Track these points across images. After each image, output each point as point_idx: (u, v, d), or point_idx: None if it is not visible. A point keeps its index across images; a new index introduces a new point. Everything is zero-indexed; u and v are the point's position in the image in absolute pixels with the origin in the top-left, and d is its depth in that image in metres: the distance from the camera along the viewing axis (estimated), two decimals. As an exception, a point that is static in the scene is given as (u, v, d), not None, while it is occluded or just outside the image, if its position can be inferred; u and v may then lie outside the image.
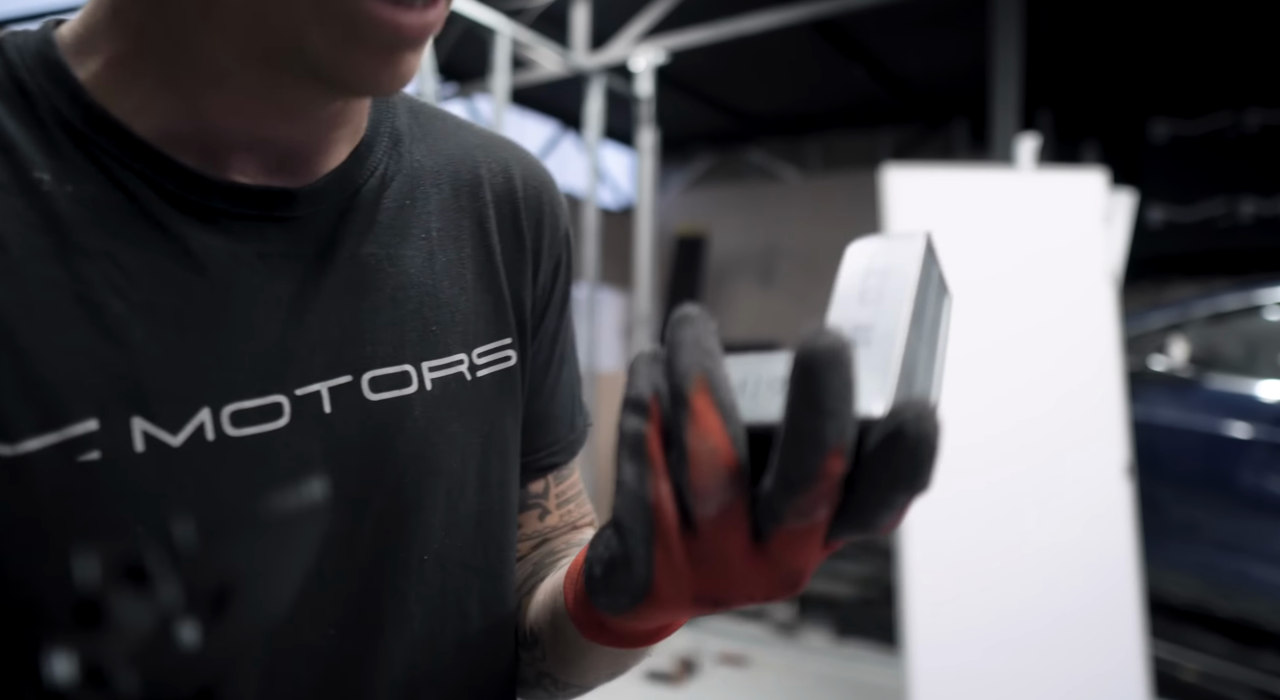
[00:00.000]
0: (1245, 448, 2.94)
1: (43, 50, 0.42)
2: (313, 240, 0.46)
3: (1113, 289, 2.62)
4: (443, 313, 0.51)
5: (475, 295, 0.53)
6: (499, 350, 0.54)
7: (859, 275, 0.33)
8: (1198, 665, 3.00)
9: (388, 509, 0.47)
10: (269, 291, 0.44)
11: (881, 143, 7.86)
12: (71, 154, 0.41)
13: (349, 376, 0.46)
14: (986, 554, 2.48)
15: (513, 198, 0.57)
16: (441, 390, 0.50)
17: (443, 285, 0.51)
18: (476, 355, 0.53)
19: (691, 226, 8.49)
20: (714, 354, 0.32)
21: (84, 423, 0.38)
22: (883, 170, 2.67)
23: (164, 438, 0.40)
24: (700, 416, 0.30)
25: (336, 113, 0.46)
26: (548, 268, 0.59)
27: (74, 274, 0.39)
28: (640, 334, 4.22)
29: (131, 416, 0.39)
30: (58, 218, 0.39)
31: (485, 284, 0.54)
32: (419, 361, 0.49)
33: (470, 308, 0.53)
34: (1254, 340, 3.14)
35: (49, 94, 0.41)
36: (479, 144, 0.58)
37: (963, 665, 2.42)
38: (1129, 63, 5.70)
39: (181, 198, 0.42)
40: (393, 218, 0.50)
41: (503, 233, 0.56)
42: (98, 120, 0.41)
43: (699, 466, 0.30)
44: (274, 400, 0.43)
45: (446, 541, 0.50)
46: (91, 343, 0.39)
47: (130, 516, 0.39)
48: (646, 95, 4.16)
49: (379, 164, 0.51)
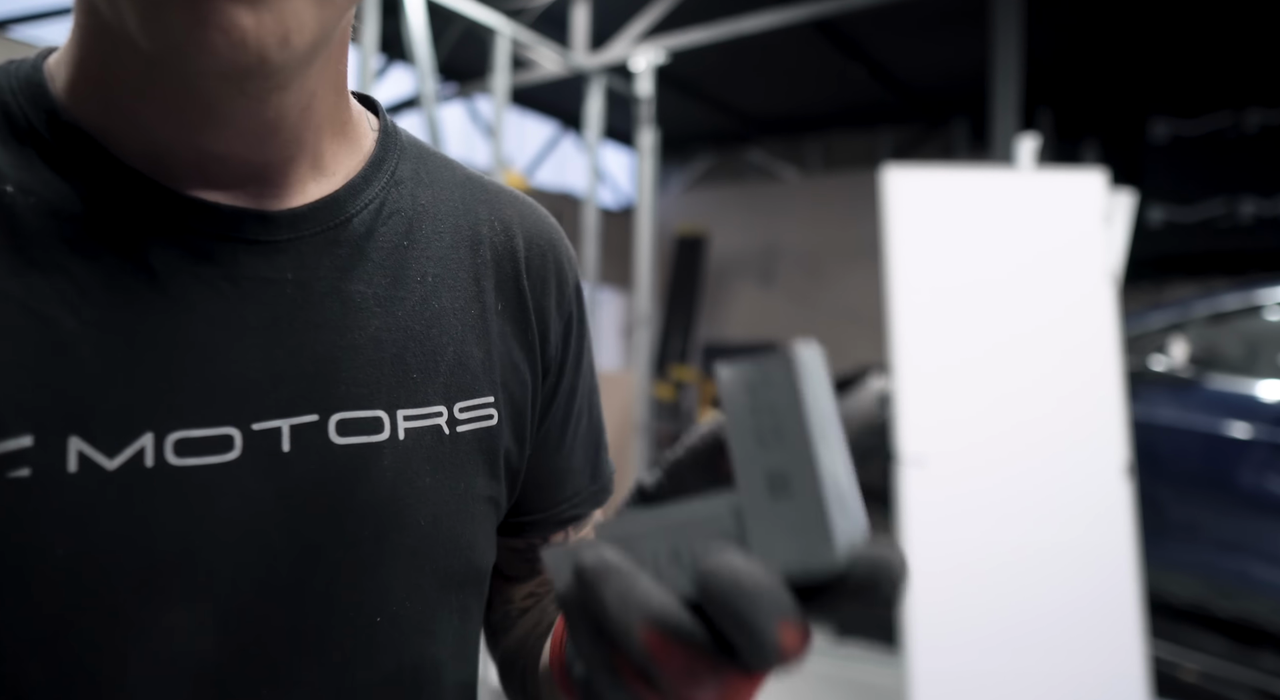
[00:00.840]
0: (1245, 448, 2.94)
1: (29, 74, 0.43)
2: (291, 267, 0.44)
3: (1113, 289, 2.62)
4: (426, 361, 0.48)
5: (463, 348, 0.51)
6: (481, 408, 0.51)
7: (746, 414, 0.32)
8: (1198, 665, 3.00)
9: (343, 562, 0.44)
10: (235, 316, 0.42)
11: (881, 143, 7.86)
12: (39, 168, 0.40)
13: (315, 416, 0.44)
14: (986, 554, 2.48)
15: (514, 258, 0.55)
16: (415, 441, 0.47)
17: (432, 333, 0.49)
18: (458, 410, 0.50)
19: (691, 226, 8.49)
20: (643, 594, 0.30)
21: (18, 438, 0.37)
22: (883, 170, 2.67)
23: (99, 460, 0.38)
24: (664, 661, 0.29)
25: (270, 125, 0.43)
26: (558, 328, 0.57)
27: (27, 286, 0.38)
28: (640, 334, 4.22)
29: (69, 435, 0.38)
30: (17, 230, 0.39)
31: (475, 338, 0.52)
32: (394, 408, 0.46)
33: (456, 360, 0.50)
34: (1254, 340, 3.14)
35: (26, 112, 0.41)
36: (484, 199, 0.56)
37: (963, 665, 2.42)
38: (1129, 63, 5.70)
39: (148, 215, 0.41)
40: (386, 257, 0.48)
41: (501, 292, 0.54)
42: (69, 137, 0.41)
43: (692, 694, 0.30)
44: (225, 432, 0.41)
45: (406, 604, 0.47)
46: (36, 357, 0.37)
47: (53, 539, 0.37)
48: (646, 95, 4.16)
49: (375, 199, 0.49)
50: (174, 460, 0.39)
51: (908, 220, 2.63)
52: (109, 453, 0.38)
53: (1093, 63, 5.74)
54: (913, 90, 6.48)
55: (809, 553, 0.30)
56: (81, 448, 0.38)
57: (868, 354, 6.46)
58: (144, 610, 0.39)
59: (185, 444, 0.40)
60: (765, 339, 8.35)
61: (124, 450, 0.39)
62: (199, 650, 0.40)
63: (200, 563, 0.40)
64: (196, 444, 0.40)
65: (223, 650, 0.41)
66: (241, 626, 0.41)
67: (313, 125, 0.46)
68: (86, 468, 0.38)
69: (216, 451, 0.41)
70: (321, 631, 0.44)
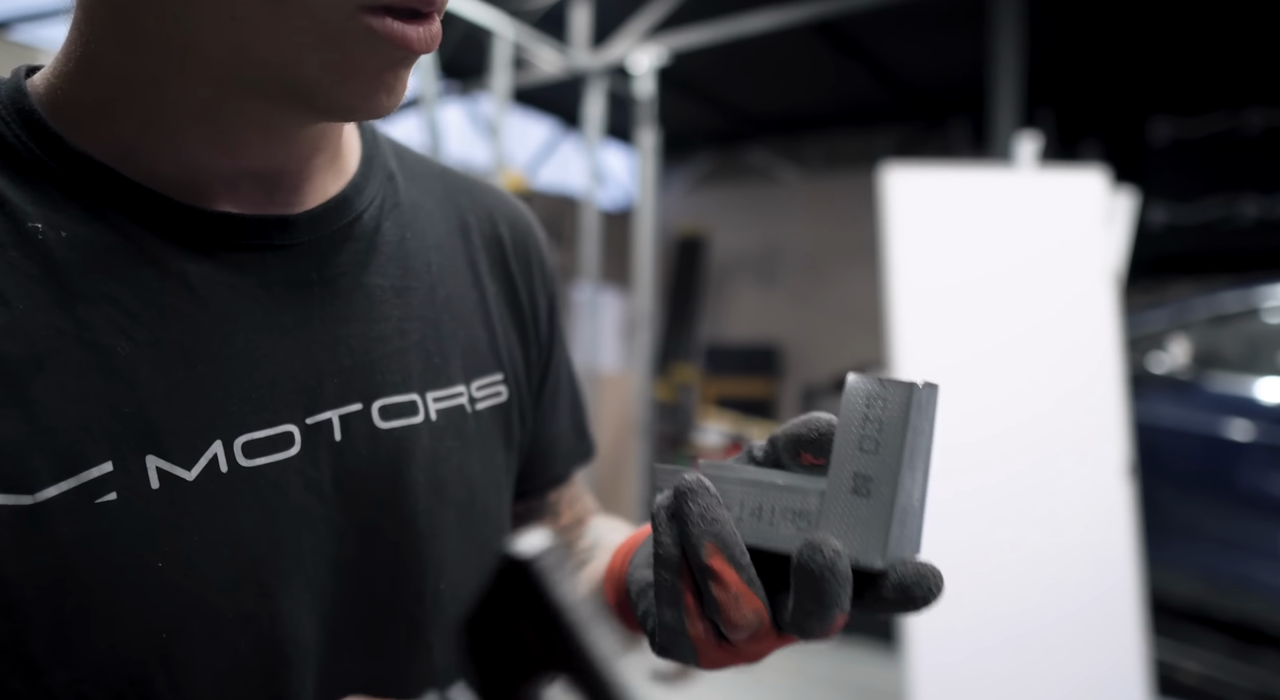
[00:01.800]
0: (1246, 448, 2.94)
1: (16, 101, 0.42)
2: (315, 267, 0.46)
3: (1113, 289, 2.62)
4: (444, 345, 0.52)
5: (471, 330, 0.54)
6: (493, 385, 0.55)
7: (857, 421, 0.38)
8: (1198, 665, 3.00)
9: (401, 538, 0.48)
10: (274, 320, 0.44)
11: (881, 142, 7.85)
12: (62, 202, 0.41)
13: (359, 404, 0.47)
14: (986, 554, 2.48)
15: (500, 243, 0.59)
16: (446, 421, 0.51)
17: (443, 318, 0.52)
18: (475, 388, 0.53)
19: (692, 227, 8.49)
20: (719, 520, 0.39)
21: (99, 466, 0.38)
22: (882, 170, 2.67)
23: (178, 473, 0.40)
24: (720, 574, 0.38)
25: (317, 137, 0.46)
26: (544, 307, 0.61)
27: (78, 320, 0.39)
28: (640, 334, 4.21)
29: (145, 455, 0.39)
30: (56, 266, 0.39)
31: (480, 320, 0.55)
32: (424, 391, 0.50)
33: (468, 342, 0.54)
34: (1254, 340, 3.14)
35: (29, 145, 0.41)
36: (462, 189, 0.59)
37: (963, 665, 2.42)
38: (1129, 63, 5.70)
39: (177, 234, 0.42)
40: (394, 250, 0.51)
41: (494, 275, 0.58)
42: (83, 167, 0.41)
43: (728, 612, 0.38)
44: (285, 429, 0.44)
45: (459, 571, 0.50)
46: (100, 386, 0.39)
47: (151, 555, 0.39)
48: (647, 95, 4.15)
49: (376, 194, 0.51)
50: (244, 462, 0.42)
51: (908, 220, 2.63)
52: (186, 465, 0.40)
53: (1093, 63, 5.74)
54: (913, 90, 6.48)
55: (862, 549, 0.36)
56: (159, 464, 0.40)
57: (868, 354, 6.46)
58: (248, 604, 0.41)
59: (252, 445, 0.42)
60: (766, 339, 8.34)
61: (199, 460, 0.41)
62: (301, 635, 0.43)
63: (286, 552, 0.43)
64: (261, 444, 0.43)
65: (319, 631, 0.44)
66: (328, 607, 0.44)
67: (338, 130, 0.49)
68: (168, 482, 0.40)
69: (280, 449, 0.43)
70: (394, 604, 0.47)
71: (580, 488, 0.69)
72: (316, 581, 0.44)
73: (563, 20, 4.78)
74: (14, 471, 0.37)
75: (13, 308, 0.38)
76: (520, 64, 4.66)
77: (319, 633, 0.44)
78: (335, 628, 0.45)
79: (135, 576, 0.39)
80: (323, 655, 0.44)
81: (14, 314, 0.38)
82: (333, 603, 0.45)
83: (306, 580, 0.44)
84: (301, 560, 0.44)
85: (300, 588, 0.43)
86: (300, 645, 0.43)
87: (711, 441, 5.28)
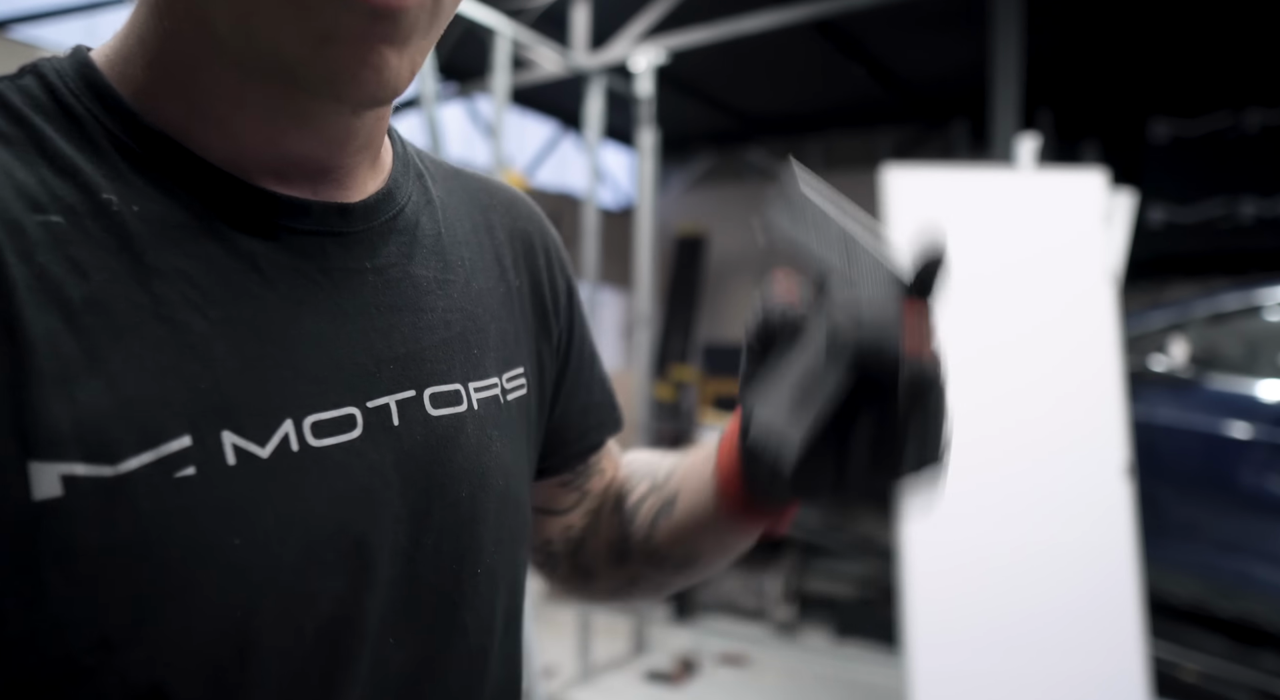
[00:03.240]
0: (1245, 448, 2.94)
1: (84, 74, 0.42)
2: (368, 256, 0.48)
3: (1113, 289, 2.62)
4: (481, 337, 0.54)
5: (500, 323, 0.56)
6: (518, 378, 0.57)
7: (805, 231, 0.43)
8: (1198, 665, 3.00)
9: (447, 522, 0.49)
10: (336, 305, 0.45)
11: (881, 143, 7.85)
12: (130, 176, 0.41)
13: (413, 391, 0.48)
14: (986, 554, 2.48)
15: (525, 237, 0.62)
16: (485, 410, 0.52)
17: (478, 311, 0.54)
18: (505, 380, 0.56)
19: (691, 226, 8.49)
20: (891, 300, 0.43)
21: (178, 439, 0.38)
22: (883, 170, 2.67)
23: (253, 450, 0.41)
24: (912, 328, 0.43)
25: (354, 131, 0.46)
26: (564, 294, 0.64)
27: (154, 295, 0.39)
28: (640, 334, 4.21)
29: (221, 431, 0.40)
30: (130, 239, 0.40)
31: (507, 313, 0.57)
32: (467, 381, 0.51)
33: (499, 335, 0.56)
34: (1254, 340, 3.14)
35: (100, 117, 0.41)
36: (479, 187, 0.61)
37: (963, 665, 2.42)
38: (1129, 63, 5.70)
39: (242, 213, 0.43)
40: (432, 243, 0.52)
41: (517, 269, 0.60)
42: (155, 142, 0.42)
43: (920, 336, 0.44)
44: (348, 412, 0.45)
45: (496, 556, 0.52)
46: (177, 360, 0.39)
47: (228, 532, 0.39)
48: (647, 95, 4.15)
49: (412, 192, 0.53)
50: (313, 442, 0.43)
51: (908, 220, 2.63)
52: (260, 442, 0.41)
53: (1093, 63, 5.74)
54: (913, 90, 6.48)
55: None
56: (235, 441, 0.40)
57: (868, 354, 6.45)
58: (314, 583, 0.42)
59: (320, 426, 0.43)
60: (765, 339, 8.34)
61: (272, 438, 0.41)
62: (359, 616, 0.44)
63: (352, 533, 0.44)
64: (328, 425, 0.44)
65: (376, 613, 0.45)
66: (385, 589, 0.45)
67: (380, 129, 0.50)
68: (244, 459, 0.40)
69: (345, 431, 0.44)
70: (439, 587, 0.48)
71: (614, 448, 0.72)
72: (375, 564, 0.45)
73: (563, 20, 4.78)
74: (96, 442, 0.36)
75: (91, 280, 0.38)
76: (520, 64, 4.66)
77: (375, 617, 0.45)
78: (385, 610, 0.46)
79: (214, 554, 0.39)
80: (375, 637, 0.45)
81: (92, 286, 0.38)
82: (386, 585, 0.46)
83: (366, 562, 0.44)
84: (366, 543, 0.44)
85: (359, 569, 0.44)
86: (358, 626, 0.44)
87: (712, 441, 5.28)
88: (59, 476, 0.35)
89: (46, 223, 0.38)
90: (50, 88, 0.42)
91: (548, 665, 3.70)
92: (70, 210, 0.39)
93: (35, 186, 0.38)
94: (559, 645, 3.89)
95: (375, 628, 0.45)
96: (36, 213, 0.38)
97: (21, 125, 0.40)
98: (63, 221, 0.38)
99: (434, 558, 0.48)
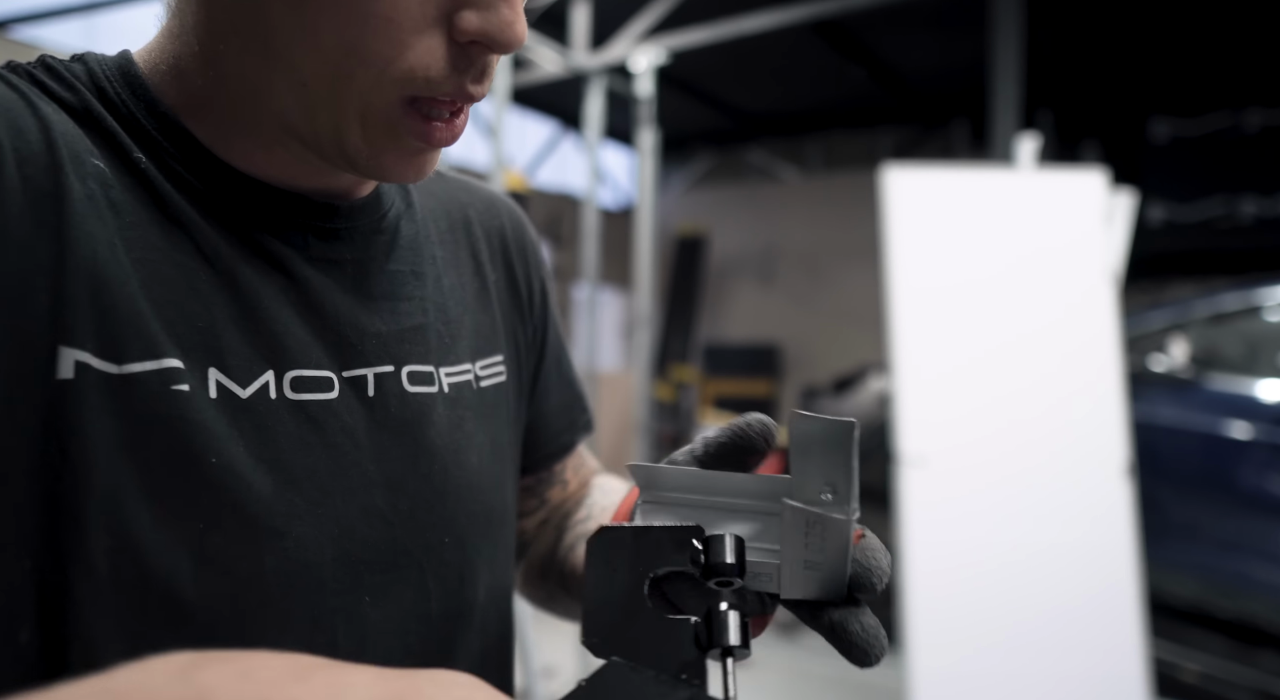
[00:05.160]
0: (1245, 448, 2.94)
1: (122, 66, 0.48)
2: (349, 251, 0.53)
3: (1113, 289, 2.62)
4: (452, 327, 0.58)
5: (474, 315, 0.60)
6: (494, 365, 0.61)
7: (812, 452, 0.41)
8: (1198, 665, 3.00)
9: (421, 491, 0.52)
10: (327, 282, 0.51)
11: (881, 143, 7.86)
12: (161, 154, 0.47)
13: (391, 367, 0.53)
14: (986, 554, 2.48)
15: (501, 235, 0.66)
16: (457, 394, 0.57)
17: (449, 304, 0.58)
18: (480, 367, 0.59)
19: (691, 226, 8.49)
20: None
21: (171, 359, 0.43)
22: (883, 170, 2.67)
23: (234, 389, 0.45)
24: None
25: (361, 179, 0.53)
26: (538, 292, 0.68)
27: (170, 242, 0.45)
28: (640, 334, 4.22)
29: (209, 366, 0.45)
30: (155, 193, 0.45)
31: (481, 305, 0.62)
32: (439, 366, 0.56)
33: (471, 325, 0.60)
34: (1254, 340, 3.14)
35: (126, 101, 0.47)
36: (459, 187, 0.66)
37: (963, 665, 2.42)
38: (1129, 63, 5.70)
39: (251, 198, 0.49)
40: (409, 243, 0.57)
41: (494, 265, 0.64)
42: (169, 126, 0.47)
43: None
44: (326, 374, 0.49)
45: (466, 528, 0.55)
46: (183, 298, 0.45)
47: (205, 451, 0.43)
48: (647, 95, 4.16)
49: (396, 195, 0.58)
50: (291, 394, 0.47)
51: (908, 220, 2.63)
52: (241, 384, 0.45)
53: (1093, 63, 5.74)
54: (913, 90, 6.48)
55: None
56: (219, 378, 0.45)
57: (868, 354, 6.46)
58: (276, 521, 0.45)
59: (299, 381, 0.48)
60: (765, 339, 8.35)
61: (253, 383, 0.46)
62: (320, 561, 0.47)
63: (318, 482, 0.47)
64: (307, 382, 0.48)
65: (337, 564, 0.48)
66: (350, 543, 0.48)
67: None
68: (224, 395, 0.45)
69: (322, 390, 0.49)
70: (408, 551, 0.51)
71: (584, 454, 0.75)
72: (345, 519, 0.48)
73: (563, 20, 4.78)
74: (108, 341, 0.41)
75: (122, 217, 0.44)
76: (520, 64, 4.66)
77: (336, 567, 0.47)
78: (353, 566, 0.48)
79: (190, 464, 0.43)
80: (338, 589, 0.48)
81: (123, 221, 0.44)
82: (359, 544, 0.49)
83: (334, 514, 0.48)
84: (331, 494, 0.48)
85: (326, 519, 0.47)
86: (317, 572, 0.47)
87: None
88: (74, 361, 0.40)
89: (97, 164, 0.44)
90: (91, 73, 0.47)
91: (548, 665, 3.70)
92: (111, 161, 0.45)
93: (84, 137, 0.45)
94: (559, 645, 3.90)
95: (340, 580, 0.48)
96: (89, 155, 0.44)
97: (74, 93, 0.46)
98: (105, 168, 0.44)
99: (410, 523, 0.51)
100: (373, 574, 0.49)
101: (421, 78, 0.44)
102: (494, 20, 0.44)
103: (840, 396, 4.75)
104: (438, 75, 0.44)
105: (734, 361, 8.28)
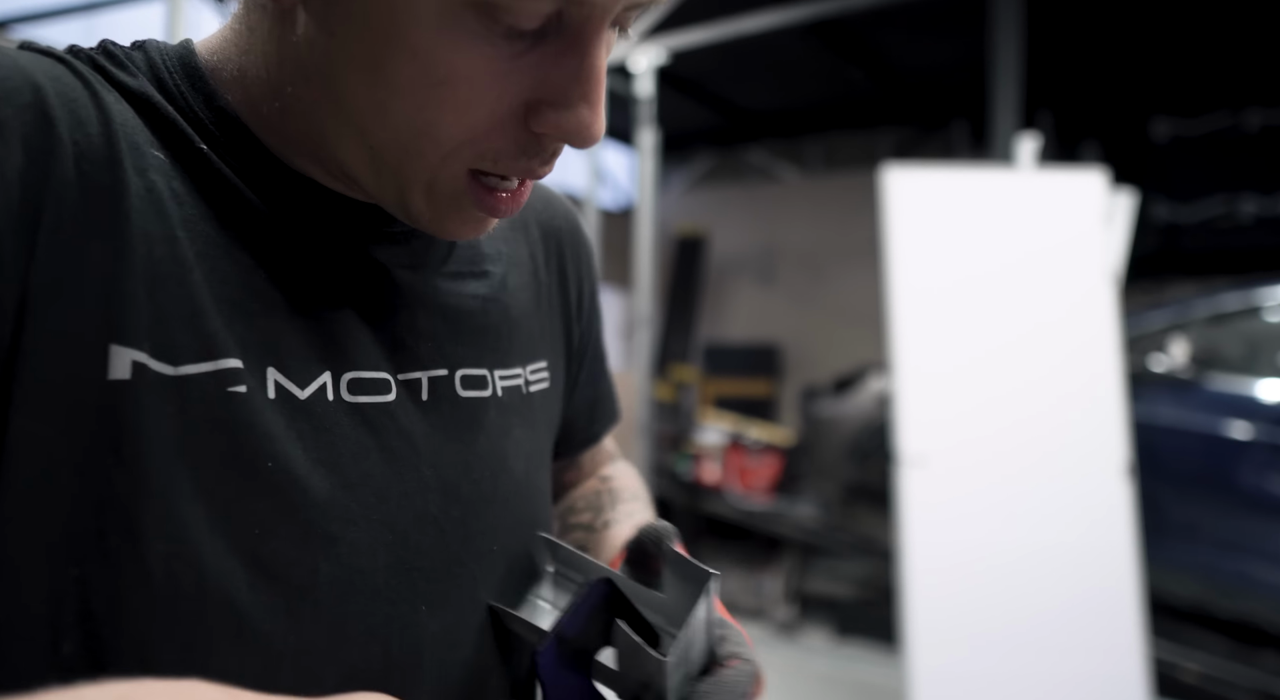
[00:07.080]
0: (1246, 448, 2.94)
1: (183, 57, 0.47)
2: (407, 255, 0.52)
3: (1113, 289, 2.62)
4: (510, 329, 0.57)
5: (528, 318, 0.60)
6: (541, 371, 0.60)
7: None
8: (1198, 665, 3.00)
9: (472, 497, 0.51)
10: (386, 287, 0.50)
11: (881, 143, 7.85)
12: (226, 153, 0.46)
13: (445, 370, 0.52)
14: (986, 554, 2.48)
15: (558, 236, 0.65)
16: (509, 398, 0.56)
17: (510, 305, 0.58)
18: (529, 372, 0.59)
19: (691, 227, 8.49)
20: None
21: (230, 359, 0.42)
22: (883, 170, 2.67)
23: (293, 390, 0.44)
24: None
25: None
26: (588, 296, 0.68)
27: (230, 237, 0.44)
28: (640, 334, 4.22)
29: (268, 366, 0.44)
30: (218, 185, 0.45)
31: (535, 309, 0.61)
32: (493, 369, 0.55)
33: (525, 329, 0.59)
34: (1254, 340, 3.14)
35: (185, 93, 0.46)
36: None
37: (963, 665, 2.42)
38: (1129, 63, 5.70)
39: (311, 204, 0.48)
40: (468, 244, 0.57)
41: (549, 267, 0.63)
42: (228, 122, 0.46)
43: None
44: (383, 376, 0.48)
45: (511, 537, 0.54)
46: (243, 297, 0.44)
47: (263, 453, 0.42)
48: (647, 95, 4.15)
49: None
50: (348, 397, 0.46)
51: (908, 220, 2.63)
52: (300, 385, 0.45)
53: (1093, 63, 5.74)
54: (912, 90, 6.48)
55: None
56: (278, 378, 0.44)
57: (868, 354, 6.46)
58: (331, 526, 0.44)
59: (356, 383, 0.47)
60: (765, 339, 8.35)
61: (311, 384, 0.45)
62: (375, 567, 0.46)
63: (374, 487, 0.46)
64: (365, 384, 0.47)
65: (391, 571, 0.46)
66: (404, 550, 0.47)
67: None
68: (283, 395, 0.44)
69: (379, 392, 0.48)
70: (459, 558, 0.50)
71: (609, 444, 0.77)
72: (399, 525, 0.47)
73: (562, 20, 4.77)
74: (164, 342, 0.40)
75: (184, 208, 0.43)
76: (520, 64, 4.65)
77: (389, 573, 0.46)
78: (407, 573, 0.47)
79: (246, 468, 0.41)
80: (392, 598, 0.46)
81: (185, 213, 0.43)
82: (413, 551, 0.48)
83: (388, 520, 0.47)
84: (386, 499, 0.47)
85: (379, 524, 0.46)
86: (369, 578, 0.45)
87: (711, 441, 5.28)
88: (130, 361, 0.39)
89: (157, 155, 0.43)
90: (150, 62, 0.47)
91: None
92: (172, 150, 0.44)
93: (144, 128, 0.44)
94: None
95: (391, 587, 0.46)
96: (149, 146, 0.43)
97: (135, 80, 0.45)
98: (165, 159, 0.43)
99: (461, 530, 0.50)
100: (428, 582, 0.48)
101: (490, 159, 0.44)
102: (572, 121, 0.43)
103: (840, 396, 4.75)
104: (507, 159, 0.44)
105: (734, 361, 8.28)
